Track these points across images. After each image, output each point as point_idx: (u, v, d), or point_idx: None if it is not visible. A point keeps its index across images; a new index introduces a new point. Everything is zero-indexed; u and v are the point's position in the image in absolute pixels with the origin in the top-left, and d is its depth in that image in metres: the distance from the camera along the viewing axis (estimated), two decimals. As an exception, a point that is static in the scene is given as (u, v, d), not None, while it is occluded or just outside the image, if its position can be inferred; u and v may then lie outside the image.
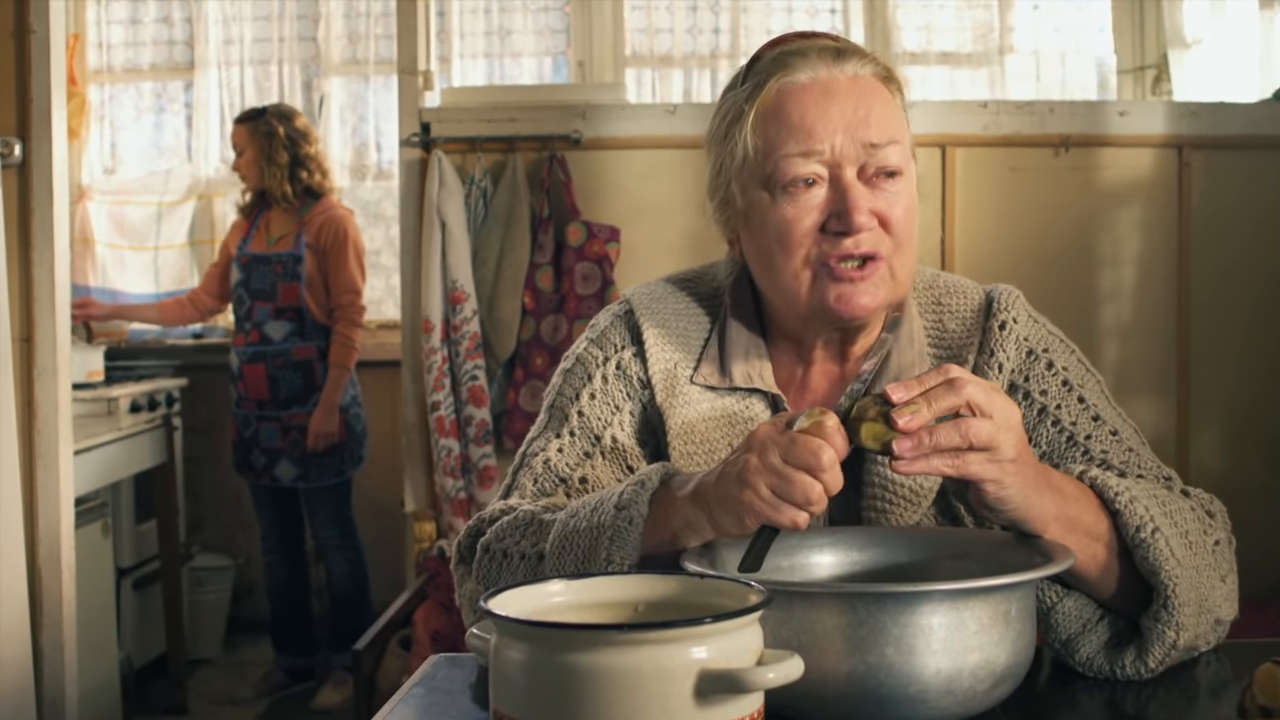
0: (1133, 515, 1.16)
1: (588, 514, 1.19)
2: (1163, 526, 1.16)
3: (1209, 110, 3.76)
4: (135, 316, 4.66)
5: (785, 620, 0.99)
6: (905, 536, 1.23)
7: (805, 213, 1.27)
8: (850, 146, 1.26)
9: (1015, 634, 1.03)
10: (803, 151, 1.26)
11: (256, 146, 4.12)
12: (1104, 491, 1.18)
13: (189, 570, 4.46)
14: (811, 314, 1.30)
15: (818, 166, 1.26)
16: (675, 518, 1.15)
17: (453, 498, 3.58)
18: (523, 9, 4.88)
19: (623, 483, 1.20)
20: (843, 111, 1.26)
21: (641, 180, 3.72)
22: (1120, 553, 1.18)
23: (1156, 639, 1.16)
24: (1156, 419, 3.68)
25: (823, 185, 1.27)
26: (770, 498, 1.06)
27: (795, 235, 1.27)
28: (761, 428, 1.10)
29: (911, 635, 0.98)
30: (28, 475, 2.67)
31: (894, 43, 4.75)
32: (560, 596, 0.93)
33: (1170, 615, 1.15)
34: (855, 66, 1.28)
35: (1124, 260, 3.75)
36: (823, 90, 1.27)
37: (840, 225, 1.25)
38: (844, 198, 1.25)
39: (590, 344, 1.42)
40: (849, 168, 1.26)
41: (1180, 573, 1.15)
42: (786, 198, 1.27)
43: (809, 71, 1.28)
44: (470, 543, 1.32)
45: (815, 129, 1.25)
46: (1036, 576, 1.02)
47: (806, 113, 1.26)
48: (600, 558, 1.15)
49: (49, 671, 2.74)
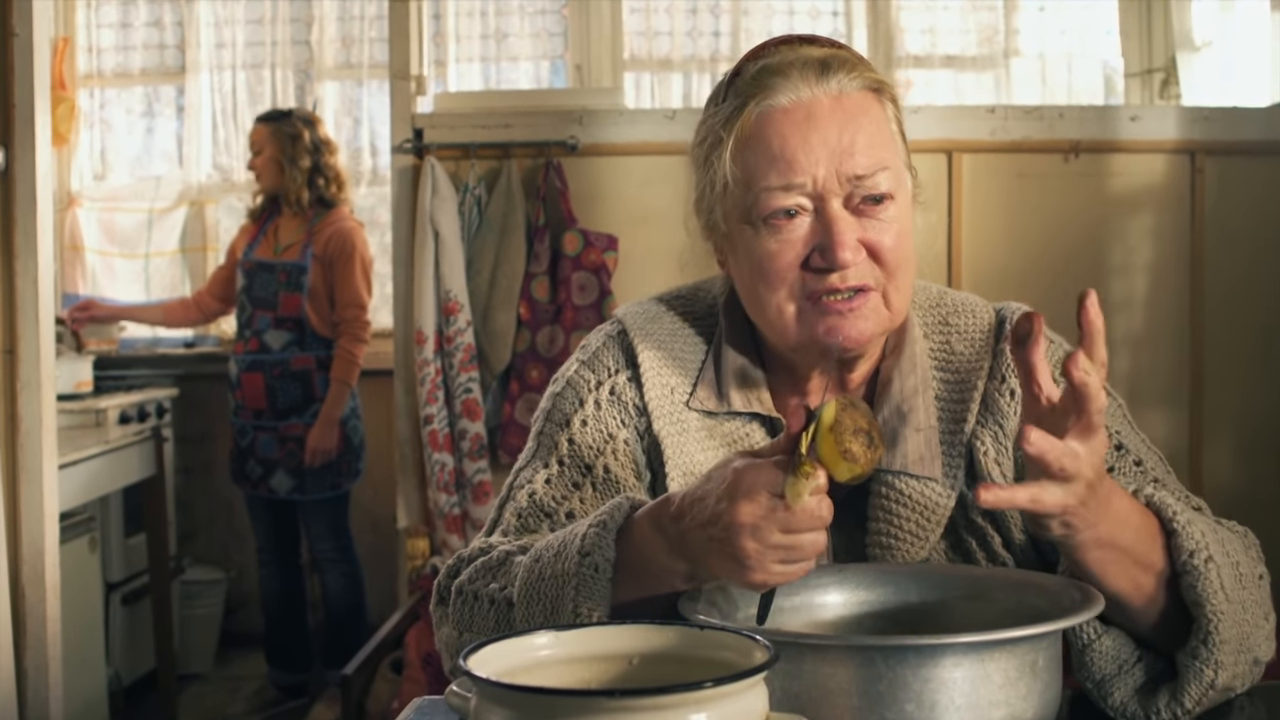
0: (1188, 539, 1.10)
1: (551, 559, 1.13)
2: (1216, 555, 1.10)
3: (1222, 115, 3.72)
4: (138, 318, 4.64)
5: (795, 674, 0.93)
6: (915, 575, 1.18)
7: (788, 246, 1.20)
8: (834, 179, 1.18)
9: (1043, 686, 0.97)
10: (784, 185, 1.18)
11: (278, 146, 4.09)
12: (1162, 511, 1.11)
13: (180, 584, 4.43)
14: (801, 347, 1.24)
15: (800, 198, 1.19)
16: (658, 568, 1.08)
17: (446, 513, 3.54)
18: (519, 12, 4.83)
19: (583, 521, 1.13)
20: (825, 140, 1.18)
21: (640, 187, 3.67)
22: (1168, 582, 1.11)
23: (1194, 678, 1.09)
24: (1169, 431, 3.64)
25: (806, 215, 1.19)
26: (782, 569, 1.01)
27: (777, 270, 1.20)
28: (743, 507, 1.00)
29: (934, 690, 0.92)
30: (10, 491, 2.64)
31: (897, 46, 4.70)
32: (548, 650, 0.88)
33: (1210, 653, 1.09)
34: (841, 82, 1.20)
35: (1135, 269, 3.71)
36: (804, 116, 1.19)
37: (825, 261, 1.18)
38: (828, 232, 1.18)
39: (581, 366, 1.34)
40: (834, 199, 1.19)
41: (1226, 608, 1.09)
42: (768, 230, 1.20)
43: (789, 93, 1.19)
44: (448, 583, 1.26)
45: (796, 160, 1.18)
46: (1067, 625, 0.96)
47: (787, 142, 1.18)
48: (568, 610, 1.09)
49: (33, 692, 2.71)
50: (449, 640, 1.24)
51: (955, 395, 1.27)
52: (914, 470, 1.23)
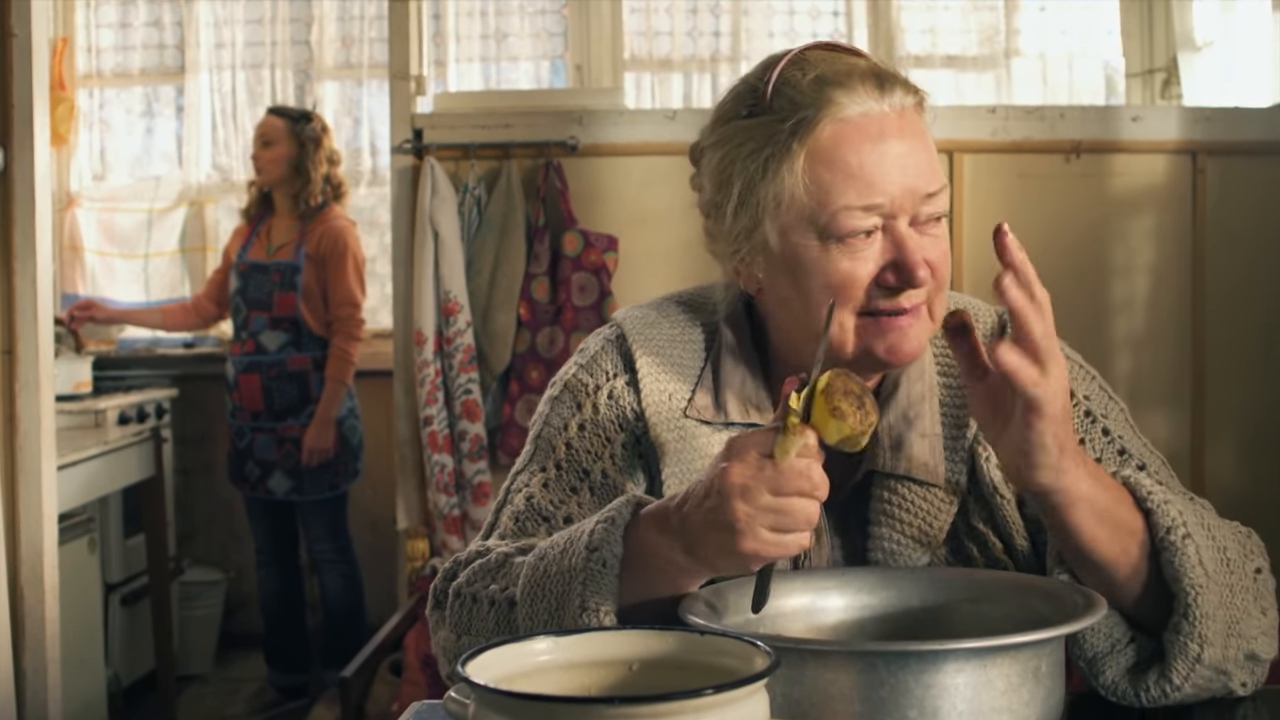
0: (1164, 516, 1.11)
1: (557, 555, 1.12)
2: (1195, 534, 1.11)
3: (1224, 115, 3.71)
4: (138, 321, 4.64)
5: (796, 680, 0.92)
6: (917, 578, 1.17)
7: (861, 265, 1.19)
8: (908, 199, 1.19)
9: (1046, 692, 0.96)
10: (864, 205, 1.18)
11: (294, 147, 4.07)
12: (1136, 489, 1.13)
13: (179, 584, 4.42)
14: (856, 363, 1.23)
15: (877, 218, 1.19)
16: (663, 563, 1.08)
17: (446, 515, 3.53)
18: (520, 12, 4.82)
19: (590, 519, 1.13)
20: (899, 160, 1.18)
21: (640, 188, 3.66)
22: (1151, 554, 1.12)
23: (1179, 653, 1.10)
24: (1170, 433, 3.63)
25: (878, 235, 1.20)
26: (773, 538, 1.01)
27: (849, 288, 1.20)
28: (734, 468, 1.02)
29: (936, 696, 0.91)
30: (9, 492, 2.63)
31: (898, 46, 4.69)
32: (547, 655, 0.87)
33: (1192, 627, 1.09)
34: (900, 98, 1.20)
35: (1137, 269, 3.70)
36: (877, 133, 1.18)
37: (900, 280, 1.19)
38: (903, 251, 1.18)
39: (580, 370, 1.34)
40: (904, 217, 1.19)
41: (1205, 582, 1.10)
42: (843, 248, 1.19)
43: (858, 105, 1.19)
44: (445, 586, 1.25)
45: (875, 180, 1.18)
46: (1070, 630, 0.95)
47: (865, 160, 1.18)
48: (574, 605, 1.08)
49: (31, 694, 2.71)
50: (447, 644, 1.23)
51: (959, 400, 1.27)
52: (918, 475, 1.23)
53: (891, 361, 1.21)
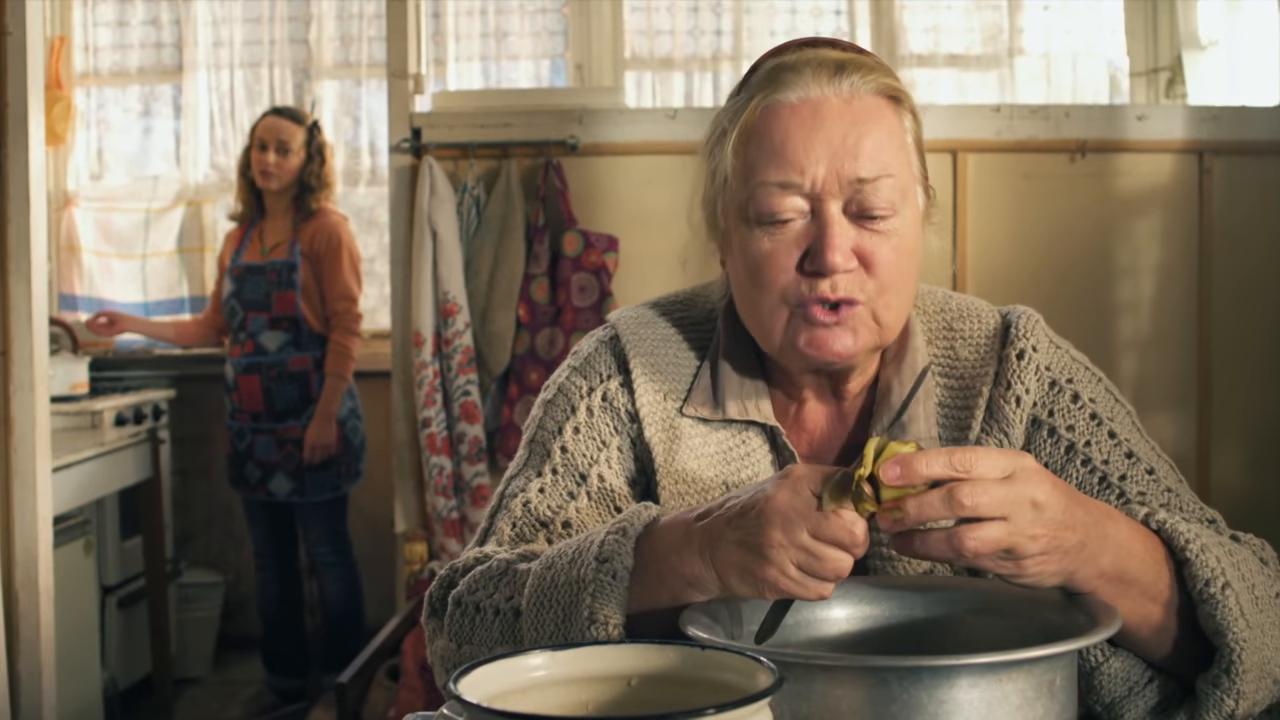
0: (1203, 567, 1.06)
1: (565, 565, 1.09)
2: (1233, 581, 1.07)
3: (1230, 114, 3.69)
4: (154, 334, 4.56)
5: (804, 695, 0.89)
6: (921, 589, 1.14)
7: (783, 247, 1.16)
8: (834, 180, 1.14)
9: (1060, 707, 0.93)
10: (781, 181, 1.14)
11: (307, 153, 4.05)
12: (1173, 539, 1.08)
13: (177, 587, 4.41)
14: (783, 355, 1.20)
15: (798, 199, 1.15)
16: (672, 574, 1.05)
17: (444, 518, 3.51)
18: (520, 10, 4.80)
19: (601, 528, 1.10)
20: (829, 139, 1.14)
21: (641, 187, 3.64)
22: (1179, 610, 1.08)
23: (1213, 707, 1.06)
24: (1176, 435, 3.61)
25: (804, 218, 1.15)
26: (797, 575, 0.98)
27: (771, 271, 1.16)
28: (782, 496, 0.98)
29: (949, 712, 0.88)
30: (3, 494, 2.62)
31: (901, 45, 4.66)
32: (543, 670, 0.84)
33: (1232, 683, 1.05)
34: (854, 84, 1.16)
35: (1142, 270, 3.68)
36: (811, 113, 1.14)
37: (814, 265, 1.14)
38: (821, 236, 1.14)
39: (573, 373, 1.31)
40: (832, 202, 1.14)
41: (1248, 635, 1.06)
42: (763, 229, 1.16)
43: (799, 91, 1.16)
44: (442, 594, 1.22)
45: (796, 157, 1.14)
46: (1087, 643, 0.92)
47: (789, 138, 1.14)
48: (582, 616, 1.05)
49: (27, 698, 2.70)
50: (445, 653, 1.19)
51: (960, 402, 1.24)
52: None
53: (813, 358, 1.17)
